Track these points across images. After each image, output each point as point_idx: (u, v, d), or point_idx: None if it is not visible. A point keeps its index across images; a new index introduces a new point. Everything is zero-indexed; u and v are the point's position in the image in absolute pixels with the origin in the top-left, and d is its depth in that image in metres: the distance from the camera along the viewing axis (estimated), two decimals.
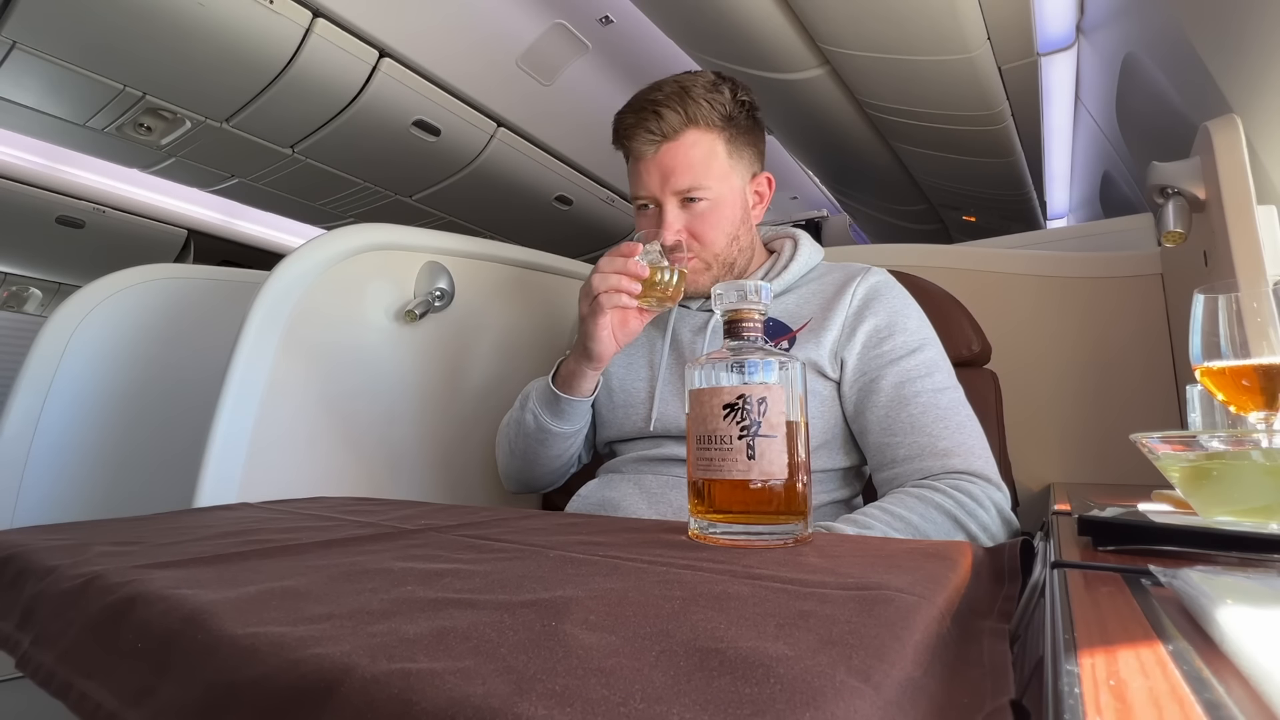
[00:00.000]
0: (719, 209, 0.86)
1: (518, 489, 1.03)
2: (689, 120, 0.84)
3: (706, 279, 0.89)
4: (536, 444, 0.93)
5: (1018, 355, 1.25)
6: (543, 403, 0.90)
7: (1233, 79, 1.08)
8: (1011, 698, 0.27)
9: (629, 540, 0.49)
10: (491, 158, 2.79)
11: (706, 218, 0.86)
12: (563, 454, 0.95)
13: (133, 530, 0.59)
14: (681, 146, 0.84)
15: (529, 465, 0.97)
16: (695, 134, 0.85)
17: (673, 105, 0.84)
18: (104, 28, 1.91)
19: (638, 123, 0.85)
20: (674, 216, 0.86)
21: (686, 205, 0.86)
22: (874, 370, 0.82)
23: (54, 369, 1.29)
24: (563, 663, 0.24)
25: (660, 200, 0.86)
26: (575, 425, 0.92)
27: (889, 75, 2.17)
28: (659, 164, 0.85)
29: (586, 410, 0.92)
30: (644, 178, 0.87)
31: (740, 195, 0.89)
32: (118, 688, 0.33)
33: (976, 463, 0.74)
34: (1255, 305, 0.51)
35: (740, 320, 0.50)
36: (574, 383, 0.87)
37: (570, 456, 0.97)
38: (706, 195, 0.85)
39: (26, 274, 3.57)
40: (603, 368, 0.87)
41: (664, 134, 0.84)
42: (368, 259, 1.12)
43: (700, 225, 0.86)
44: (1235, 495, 0.43)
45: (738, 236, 0.89)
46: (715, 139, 0.86)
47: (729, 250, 0.89)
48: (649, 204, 0.88)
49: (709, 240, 0.87)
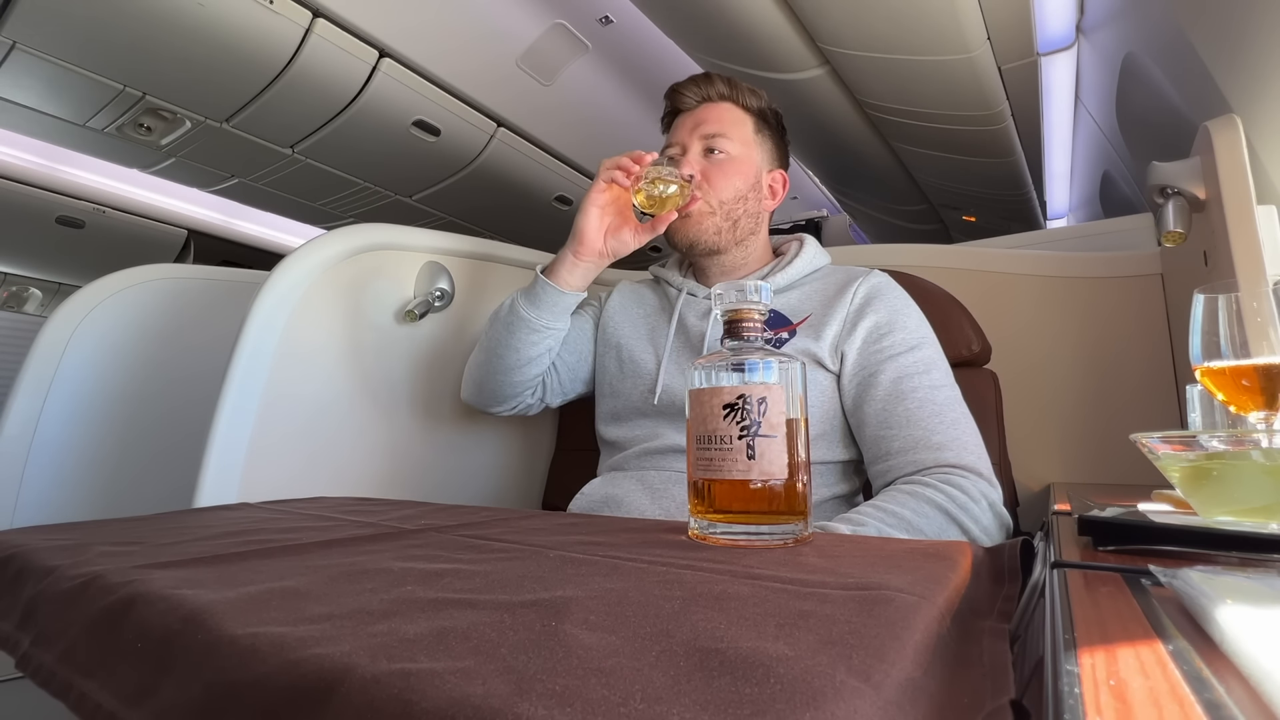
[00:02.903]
0: (735, 164, 0.94)
1: (473, 393, 1.04)
2: (732, 95, 0.98)
3: (710, 225, 0.94)
4: (505, 331, 0.96)
5: (1018, 355, 1.25)
6: (523, 290, 0.96)
7: (1233, 79, 1.08)
8: (1011, 698, 0.27)
9: (629, 540, 0.49)
10: (491, 158, 2.79)
11: (723, 166, 0.94)
12: (526, 352, 0.95)
13: (133, 530, 0.59)
14: (718, 108, 0.97)
15: (491, 358, 0.98)
16: (733, 107, 0.98)
17: (722, 80, 0.98)
18: (104, 28, 1.91)
19: (690, 81, 0.98)
20: (695, 156, 0.94)
21: (708, 155, 0.94)
22: (873, 365, 0.83)
23: (54, 369, 1.29)
24: (563, 663, 0.24)
25: (687, 144, 0.95)
26: (547, 319, 0.94)
27: (889, 75, 2.17)
28: (695, 116, 0.97)
29: (563, 309, 0.95)
30: (679, 128, 0.97)
31: (756, 168, 0.97)
32: (118, 688, 0.33)
33: (969, 457, 0.76)
34: (1255, 305, 0.51)
35: (740, 320, 0.50)
36: (556, 268, 0.93)
37: (531, 363, 0.97)
38: (728, 149, 0.94)
39: (26, 274, 3.57)
40: (585, 256, 0.91)
41: (708, 95, 0.98)
42: (368, 259, 1.12)
43: (715, 172, 0.94)
44: (1235, 495, 0.43)
45: (745, 199, 0.95)
46: (747, 117, 0.98)
47: (734, 205, 0.94)
48: (675, 152, 0.96)
49: (719, 186, 0.93)
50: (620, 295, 1.07)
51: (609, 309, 1.06)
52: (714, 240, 0.94)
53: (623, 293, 1.08)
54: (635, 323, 1.02)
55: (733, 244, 0.95)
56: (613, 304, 1.06)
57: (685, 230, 0.93)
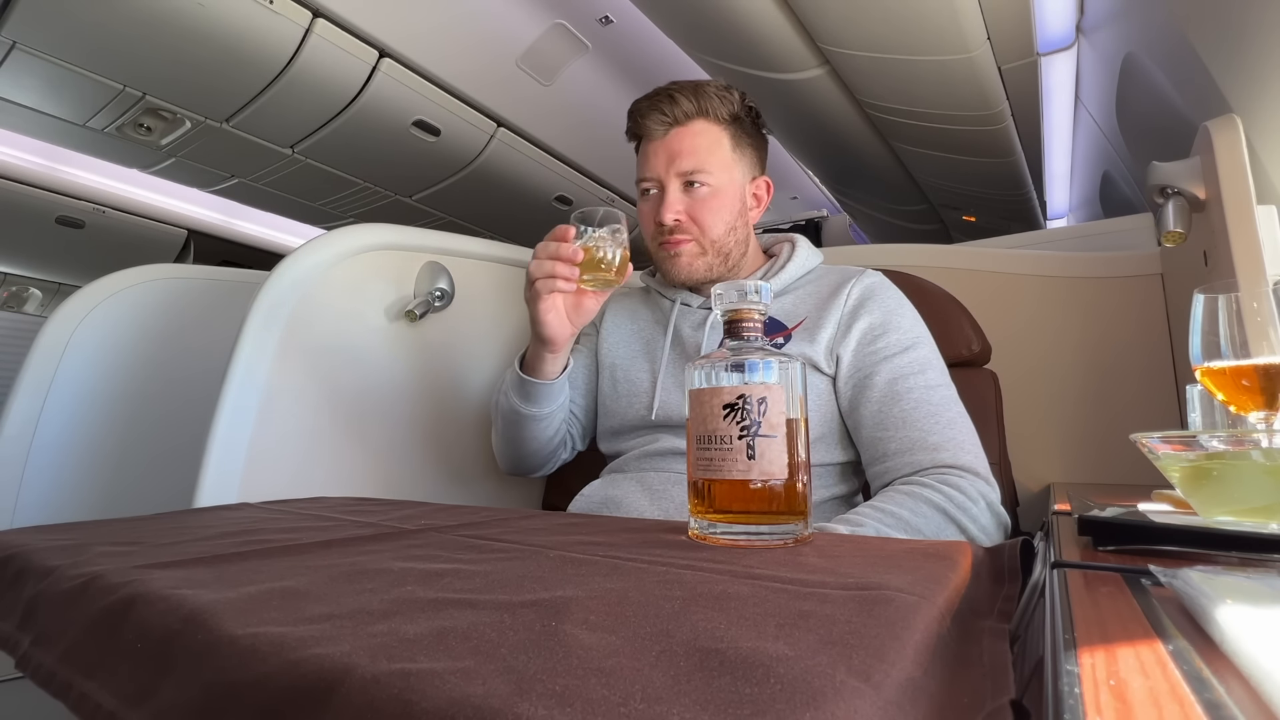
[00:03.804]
0: (719, 197, 0.89)
1: (510, 469, 1.04)
2: (700, 110, 0.89)
3: (701, 265, 0.91)
4: (514, 426, 0.95)
5: (1018, 355, 1.25)
6: (512, 386, 0.92)
7: (1233, 79, 1.08)
8: (1011, 698, 0.27)
9: (629, 540, 0.49)
10: (491, 158, 2.79)
11: (707, 203, 0.89)
12: (541, 436, 0.96)
13: (133, 530, 0.59)
14: (690, 132, 0.89)
15: (513, 446, 0.98)
16: (704, 123, 0.89)
17: (686, 94, 0.89)
18: (104, 28, 1.91)
19: (652, 106, 0.89)
20: (675, 197, 0.89)
21: (688, 189, 0.89)
22: (868, 366, 0.83)
23: (54, 369, 1.29)
24: (563, 663, 0.24)
25: (664, 181, 0.89)
26: (546, 408, 0.93)
27: (889, 75, 2.17)
28: (667, 146, 0.89)
29: (557, 392, 0.93)
30: (651, 159, 0.90)
31: (740, 190, 0.92)
32: (118, 688, 0.33)
33: (965, 457, 0.76)
34: (1255, 305, 0.51)
35: (740, 320, 0.50)
36: (536, 366, 0.89)
37: (551, 438, 0.97)
38: (709, 181, 0.88)
39: (26, 274, 3.57)
40: (562, 349, 0.87)
41: (675, 118, 0.89)
42: (368, 259, 1.11)
43: (700, 210, 0.89)
44: (1235, 495, 0.43)
45: (735, 228, 0.91)
46: (722, 132, 0.90)
47: (725, 239, 0.91)
48: (652, 187, 0.91)
49: (707, 225, 0.89)
50: (613, 314, 1.06)
51: (603, 331, 1.04)
52: (707, 276, 0.92)
53: (615, 311, 1.06)
54: (628, 340, 1.01)
55: (726, 272, 0.94)
56: (606, 325, 1.05)
57: (677, 272, 0.91)
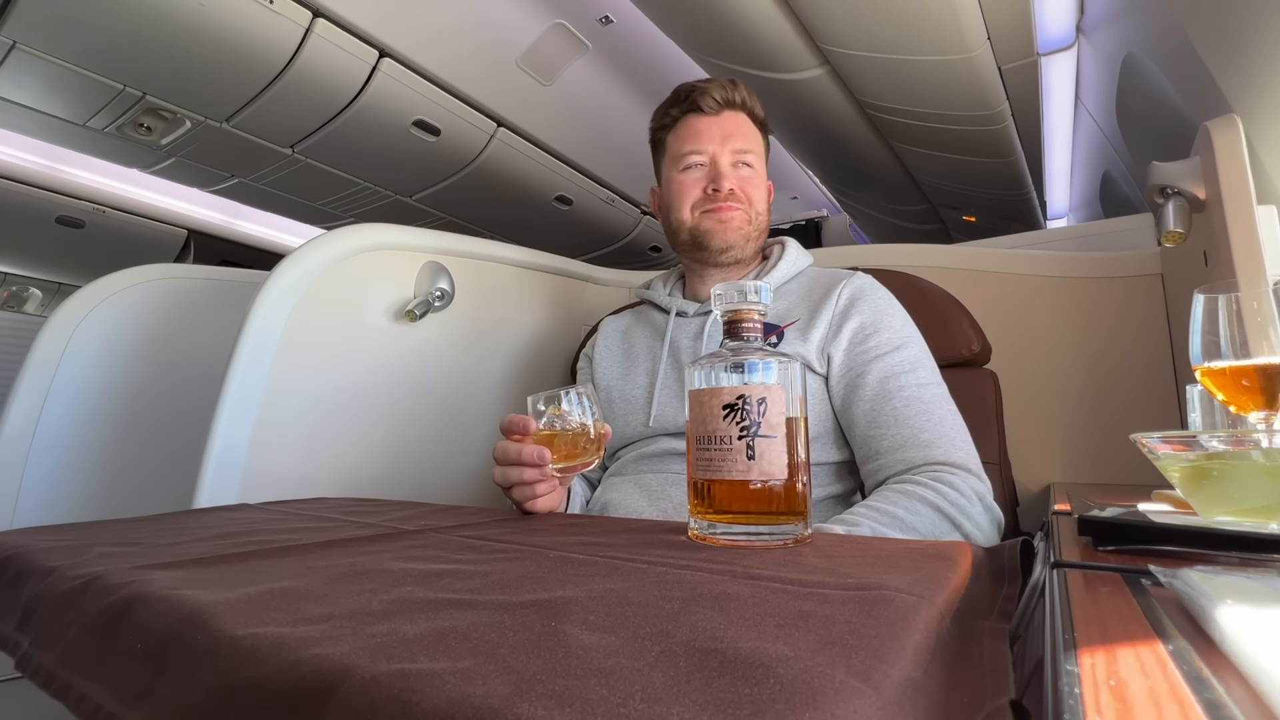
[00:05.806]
0: (760, 179, 0.97)
1: None
2: (746, 104, 0.97)
3: (744, 234, 0.94)
4: None
5: (1018, 355, 1.25)
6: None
7: (1233, 79, 1.08)
8: (1011, 698, 0.27)
9: (629, 541, 0.49)
10: (491, 158, 2.79)
11: (753, 181, 0.95)
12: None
13: (132, 531, 0.59)
14: (739, 119, 0.96)
15: None
16: (747, 119, 0.97)
17: (740, 86, 0.96)
18: (104, 28, 1.91)
19: (712, 86, 0.95)
20: (727, 169, 0.93)
21: (736, 168, 0.94)
22: (859, 366, 0.84)
23: (54, 369, 1.29)
24: (563, 663, 0.24)
25: (717, 155, 0.94)
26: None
27: (889, 75, 2.17)
28: (721, 124, 0.94)
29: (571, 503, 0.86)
30: (703, 134, 0.94)
31: (765, 181, 0.99)
32: (118, 688, 0.33)
33: (957, 454, 0.76)
34: (1255, 305, 0.51)
35: (740, 320, 0.50)
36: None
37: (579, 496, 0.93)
38: (754, 165, 0.95)
39: (26, 274, 3.57)
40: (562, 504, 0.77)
41: (732, 103, 0.95)
42: (368, 259, 1.12)
43: (748, 186, 0.95)
44: (1235, 495, 0.43)
45: (764, 214, 0.97)
46: (758, 131, 0.98)
47: (763, 218, 0.97)
48: (701, 159, 0.94)
49: (755, 199, 0.95)
50: (605, 339, 1.05)
51: (596, 359, 1.04)
52: (743, 248, 0.95)
53: (607, 336, 1.06)
54: (620, 362, 1.01)
55: (751, 256, 0.97)
56: (599, 352, 1.04)
57: (727, 235, 0.93)
